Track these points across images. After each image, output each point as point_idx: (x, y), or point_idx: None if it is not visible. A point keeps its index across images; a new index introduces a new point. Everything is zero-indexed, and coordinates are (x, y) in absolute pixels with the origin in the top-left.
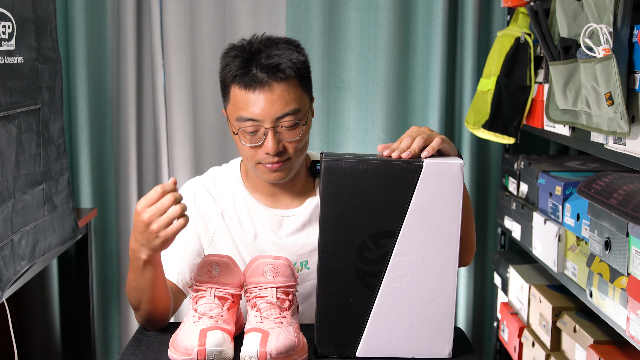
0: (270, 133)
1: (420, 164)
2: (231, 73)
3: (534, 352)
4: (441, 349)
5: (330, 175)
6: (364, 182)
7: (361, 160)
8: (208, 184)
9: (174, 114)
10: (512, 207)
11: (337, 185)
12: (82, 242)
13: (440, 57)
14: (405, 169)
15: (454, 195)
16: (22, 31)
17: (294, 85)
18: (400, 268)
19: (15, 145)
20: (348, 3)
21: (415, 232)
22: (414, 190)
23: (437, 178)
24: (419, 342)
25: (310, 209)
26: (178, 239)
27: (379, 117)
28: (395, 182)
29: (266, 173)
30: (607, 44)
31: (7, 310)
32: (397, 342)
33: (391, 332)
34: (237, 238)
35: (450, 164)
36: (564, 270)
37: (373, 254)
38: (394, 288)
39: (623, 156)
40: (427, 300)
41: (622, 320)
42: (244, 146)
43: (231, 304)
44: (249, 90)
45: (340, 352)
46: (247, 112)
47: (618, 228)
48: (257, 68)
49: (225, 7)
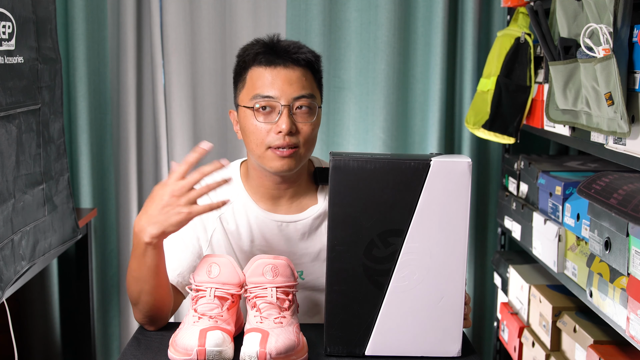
0: (285, 111)
1: (428, 162)
2: (253, 52)
3: (534, 352)
4: (450, 347)
5: (339, 174)
6: (372, 180)
7: (369, 159)
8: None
9: (174, 114)
10: (512, 207)
11: (345, 184)
12: (82, 242)
13: (440, 57)
14: (414, 168)
15: (462, 194)
16: (22, 31)
17: (310, 76)
18: (408, 266)
19: (15, 145)
20: (348, 3)
21: (423, 230)
22: (422, 189)
23: (445, 176)
24: (428, 341)
25: (311, 219)
26: (177, 240)
27: (379, 117)
28: (404, 181)
29: (274, 160)
30: (607, 44)
31: (7, 310)
32: (406, 340)
33: (400, 330)
34: (234, 242)
35: (458, 163)
36: (564, 270)
37: (381, 252)
38: (402, 286)
39: (623, 156)
40: (436, 298)
41: (622, 320)
42: (255, 129)
43: (231, 304)
44: (269, 67)
45: (349, 350)
46: (264, 89)
47: (618, 228)
48: (278, 49)
49: (225, 7)
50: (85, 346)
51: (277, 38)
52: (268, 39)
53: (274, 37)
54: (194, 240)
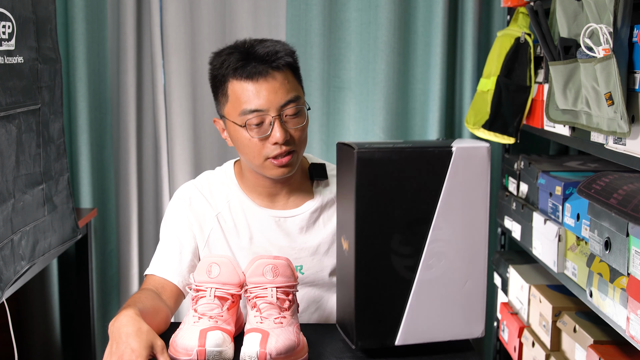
0: (277, 122)
1: (450, 149)
2: (230, 67)
3: (534, 352)
4: (475, 328)
5: (364, 167)
6: (397, 171)
7: (394, 149)
8: (203, 188)
9: (174, 114)
10: (512, 207)
11: (370, 176)
12: (82, 242)
13: (440, 57)
14: (437, 155)
15: (482, 178)
16: (22, 31)
17: (291, 76)
18: (435, 254)
19: (15, 145)
20: (348, 3)
21: (448, 217)
22: (445, 176)
23: (466, 162)
24: (455, 324)
25: (308, 213)
26: (174, 240)
27: (379, 117)
28: (428, 169)
29: (274, 169)
30: (607, 44)
31: (7, 310)
32: (434, 327)
33: (428, 317)
34: (232, 241)
35: (479, 148)
36: (564, 270)
37: (408, 242)
38: (429, 274)
39: (623, 156)
40: (461, 282)
41: (622, 320)
42: (250, 142)
43: (231, 304)
44: (251, 81)
45: (380, 342)
46: (250, 103)
47: (618, 228)
48: (255, 60)
49: (225, 7)
50: (85, 346)
51: (250, 43)
52: (241, 46)
53: (246, 43)
54: (190, 239)
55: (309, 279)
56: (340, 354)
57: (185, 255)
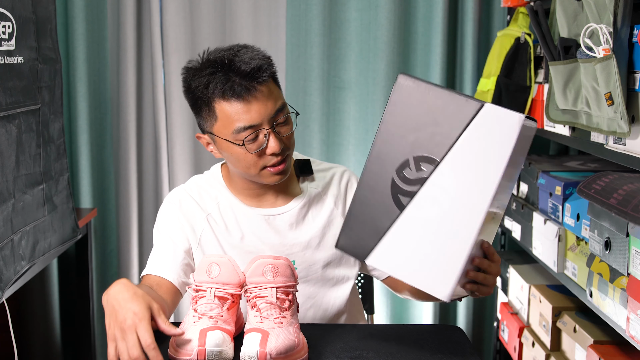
0: (271, 134)
1: (482, 104)
2: (217, 89)
3: (534, 352)
4: (441, 289)
5: (402, 91)
6: (426, 104)
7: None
8: (192, 191)
9: (174, 114)
10: (512, 207)
11: (404, 101)
12: (82, 242)
13: (440, 57)
14: (466, 104)
15: (504, 146)
16: (22, 31)
17: (272, 84)
18: (430, 197)
19: (15, 145)
20: (348, 3)
21: (455, 168)
22: (466, 127)
23: (492, 123)
24: (424, 274)
25: (297, 209)
26: (167, 242)
27: (379, 117)
28: (453, 113)
29: (271, 176)
30: (607, 44)
31: (7, 310)
32: (405, 265)
33: (402, 253)
34: (223, 241)
35: (510, 114)
36: (564, 270)
37: (411, 174)
38: (419, 214)
39: (623, 156)
40: (444, 238)
41: (622, 320)
42: (246, 156)
43: (231, 304)
44: (240, 100)
45: (354, 252)
46: (243, 121)
47: (618, 228)
48: (239, 77)
49: (225, 7)
50: (85, 346)
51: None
52: (220, 63)
53: (224, 59)
54: (183, 240)
55: (301, 274)
56: (340, 354)
57: (179, 254)
